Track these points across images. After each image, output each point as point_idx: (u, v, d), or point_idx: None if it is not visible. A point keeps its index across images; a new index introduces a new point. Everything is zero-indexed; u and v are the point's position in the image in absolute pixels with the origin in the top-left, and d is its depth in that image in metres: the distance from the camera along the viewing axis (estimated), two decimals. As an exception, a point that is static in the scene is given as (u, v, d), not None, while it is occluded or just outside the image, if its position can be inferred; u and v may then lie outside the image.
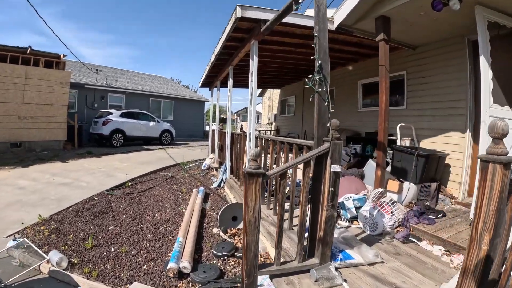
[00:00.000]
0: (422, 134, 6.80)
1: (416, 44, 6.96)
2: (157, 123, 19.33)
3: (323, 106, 3.34)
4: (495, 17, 4.62)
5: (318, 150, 3.22)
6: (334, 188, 3.28)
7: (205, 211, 6.45)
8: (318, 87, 3.30)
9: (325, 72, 3.30)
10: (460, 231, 4.44)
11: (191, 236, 4.69)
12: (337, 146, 3.25)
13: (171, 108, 25.36)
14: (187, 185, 8.83)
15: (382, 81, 5.23)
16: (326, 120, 3.38)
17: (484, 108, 4.46)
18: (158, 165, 11.34)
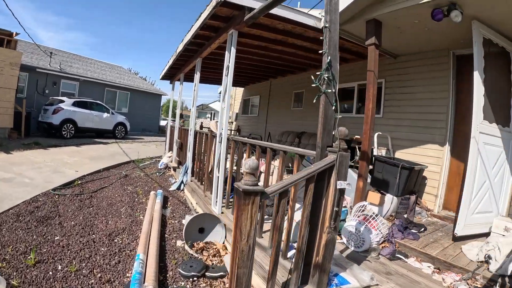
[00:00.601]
0: (399, 144, 6.54)
1: (398, 53, 6.69)
2: (111, 115, 17.86)
3: (330, 110, 2.79)
4: (489, 34, 4.54)
5: (325, 163, 2.67)
6: (338, 208, 2.75)
7: (166, 218, 5.70)
8: (326, 87, 2.75)
9: (334, 71, 2.77)
10: (445, 246, 4.30)
11: (153, 251, 3.95)
12: (345, 159, 2.73)
13: (126, 100, 23.72)
14: (143, 186, 7.95)
15: (369, 87, 4.82)
16: (332, 127, 2.84)
17: (475, 124, 4.31)
18: (111, 161, 10.27)
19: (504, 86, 4.83)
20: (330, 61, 2.74)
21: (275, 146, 3.85)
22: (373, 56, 4.83)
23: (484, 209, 4.63)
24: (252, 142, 4.45)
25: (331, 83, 2.74)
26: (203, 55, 7.08)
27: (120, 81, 23.75)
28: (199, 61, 7.36)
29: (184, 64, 9.15)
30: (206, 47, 6.66)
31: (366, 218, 4.35)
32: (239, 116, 15.77)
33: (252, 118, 14.42)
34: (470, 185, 4.36)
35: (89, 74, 21.69)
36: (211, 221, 4.72)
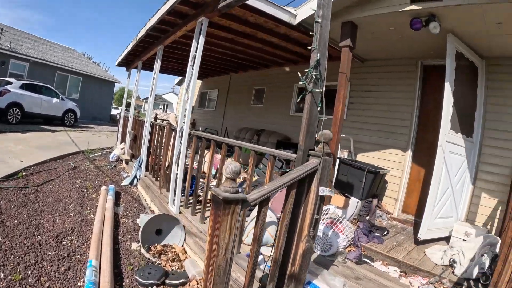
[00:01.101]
0: (361, 147, 6.51)
1: (366, 57, 6.65)
2: (61, 101, 16.44)
3: (315, 110, 2.58)
4: (462, 48, 4.63)
5: (308, 168, 2.44)
6: (318, 215, 2.54)
7: (118, 217, 5.19)
8: (312, 86, 2.52)
9: (322, 69, 2.55)
10: (409, 250, 4.34)
11: (106, 257, 3.50)
12: (328, 164, 2.53)
13: (78, 86, 22.15)
14: (93, 179, 7.30)
15: (340, 89, 4.68)
16: (315, 128, 2.62)
17: (442, 133, 4.35)
18: (59, 151, 9.35)
19: (470, 98, 4.93)
20: (319, 59, 2.52)
21: (249, 146, 3.54)
22: (346, 58, 4.69)
23: (445, 215, 4.70)
24: (220, 139, 4.14)
25: (319, 82, 2.52)
26: (166, 42, 6.60)
27: (72, 65, 22.14)
28: (161, 48, 6.87)
29: (143, 51, 8.55)
30: (170, 34, 6.21)
31: (333, 221, 4.21)
32: (195, 110, 15.06)
33: (209, 112, 13.94)
34: (435, 191, 4.39)
35: (40, 55, 19.99)
36: (169, 222, 4.35)
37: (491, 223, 4.85)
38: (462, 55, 4.62)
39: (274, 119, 9.34)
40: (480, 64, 5.01)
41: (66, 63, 21.74)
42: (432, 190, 4.35)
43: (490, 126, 4.95)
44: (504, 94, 4.87)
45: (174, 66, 10.81)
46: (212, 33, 6.33)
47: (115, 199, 5.88)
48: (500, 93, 4.91)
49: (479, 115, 4.99)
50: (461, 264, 3.82)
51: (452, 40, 4.40)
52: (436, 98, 5.50)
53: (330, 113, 7.68)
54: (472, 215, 5.01)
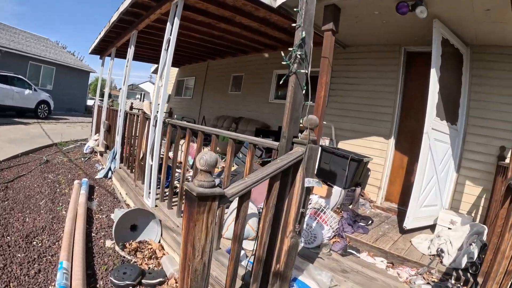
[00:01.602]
0: (342, 135, 6.31)
1: (348, 43, 6.40)
2: (34, 92, 15.62)
3: (300, 94, 2.32)
4: (447, 34, 4.45)
5: (293, 158, 2.19)
6: (304, 208, 2.31)
7: (92, 213, 4.85)
8: (297, 67, 2.26)
9: (308, 49, 2.29)
10: (395, 240, 4.22)
11: (78, 257, 3.18)
12: (314, 153, 2.29)
13: (51, 76, 21.11)
14: (66, 173, 6.88)
15: (323, 75, 4.43)
16: (300, 114, 2.37)
17: (428, 120, 4.18)
18: (31, 144, 8.81)
19: (454, 86, 4.78)
20: (305, 37, 2.26)
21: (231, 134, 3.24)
22: (329, 43, 4.43)
23: (430, 203, 4.58)
24: (196, 127, 3.84)
25: (304, 63, 2.27)
26: (139, 27, 6.18)
27: (45, 54, 21.06)
28: (135, 33, 6.43)
29: (117, 37, 8.04)
30: (144, 18, 5.79)
31: (317, 212, 4.01)
32: (171, 98, 14.58)
33: (186, 101, 13.46)
34: (420, 181, 4.25)
35: (12, 45, 18.92)
36: (144, 217, 4.01)
37: (475, 211, 4.78)
38: (447, 42, 4.45)
39: (252, 107, 9.04)
40: (465, 52, 4.86)
41: (39, 52, 20.68)
42: (418, 178, 4.21)
43: (475, 114, 4.84)
44: (489, 82, 4.76)
45: (149, 53, 10.31)
46: (188, 17, 5.97)
47: (89, 193, 5.51)
48: (484, 81, 4.79)
49: (464, 103, 4.86)
50: (449, 253, 3.70)
51: (438, 26, 4.22)
52: (420, 85, 5.38)
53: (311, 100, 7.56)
54: (456, 203, 4.92)
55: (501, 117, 4.63)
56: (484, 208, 4.64)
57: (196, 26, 6.53)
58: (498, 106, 4.66)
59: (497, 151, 4.60)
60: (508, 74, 4.62)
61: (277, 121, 7.99)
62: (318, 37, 6.00)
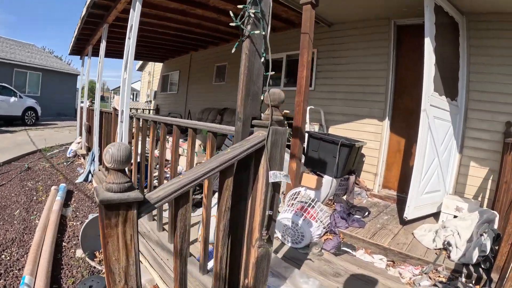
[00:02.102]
0: (332, 119, 5.76)
1: (333, 20, 5.81)
2: (19, 99, 14.96)
3: (257, 62, 1.79)
4: (440, 0, 3.88)
5: (250, 144, 1.66)
6: (272, 210, 1.78)
7: (66, 220, 4.43)
8: (251, 28, 1.72)
9: (265, 6, 1.74)
10: (396, 233, 3.69)
11: (43, 271, 2.80)
12: (280, 137, 1.75)
13: (38, 82, 20.35)
14: (46, 180, 6.41)
15: (303, 52, 3.92)
16: (260, 88, 1.84)
17: (425, 95, 3.62)
18: (14, 152, 8.30)
19: (452, 58, 4.25)
20: (258, -11, 1.72)
21: (184, 122, 2.73)
22: (308, 17, 3.91)
23: (432, 189, 4.05)
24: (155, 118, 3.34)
25: (260, 23, 1.73)
26: (109, 20, 5.68)
27: (31, 60, 20.27)
28: (106, 27, 5.93)
29: (92, 34, 7.51)
30: (112, 9, 5.29)
31: (304, 207, 3.49)
32: (158, 94, 14.03)
33: (172, 96, 12.85)
34: (420, 165, 3.71)
35: (-5, 54, 18.26)
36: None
37: (482, 194, 4.25)
38: (441, 9, 3.90)
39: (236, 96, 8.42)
40: (461, 21, 4.31)
41: (24, 59, 19.90)
42: (418, 162, 3.66)
43: (476, 88, 4.30)
44: (487, 52, 4.22)
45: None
46: (159, 4, 5.50)
47: (66, 199, 5.15)
48: (483, 51, 4.25)
49: (463, 76, 4.32)
50: (457, 247, 3.16)
51: (430, -9, 3.67)
52: (413, 61, 4.85)
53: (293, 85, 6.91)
54: (461, 187, 4.39)
55: (504, 90, 4.09)
56: (492, 190, 4.12)
57: (171, 14, 6.05)
58: (500, 78, 4.12)
59: (503, 127, 4.07)
60: (509, 42, 4.08)
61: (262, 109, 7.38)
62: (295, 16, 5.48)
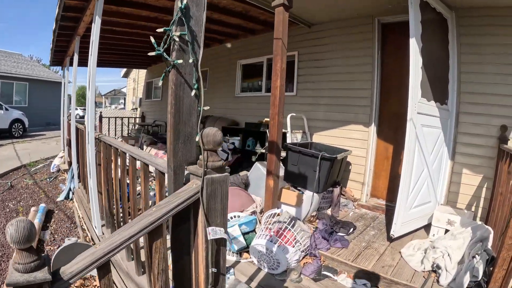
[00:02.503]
0: (316, 126, 5.44)
1: (314, 21, 5.45)
2: (5, 112, 14.64)
3: (187, 97, 1.46)
4: None
5: (180, 200, 1.35)
6: (218, 268, 1.49)
7: (44, 245, 4.18)
8: (177, 56, 1.40)
9: (196, 25, 1.43)
10: (381, 252, 3.38)
11: None
12: (220, 186, 1.44)
13: (25, 92, 19.93)
14: (28, 199, 6.09)
15: (277, 60, 3.59)
16: (193, 128, 1.52)
17: (412, 103, 3.31)
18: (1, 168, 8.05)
19: (440, 58, 3.93)
20: (187, 6, 1.40)
21: (137, 154, 2.42)
22: (281, 20, 3.56)
23: (422, 201, 3.76)
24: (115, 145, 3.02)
25: (189, 48, 1.41)
26: (80, 32, 5.43)
27: (17, 70, 19.87)
28: (78, 40, 5.67)
29: (67, 46, 7.25)
30: (81, 21, 5.04)
31: (279, 231, 3.19)
32: (143, 102, 13.60)
33: (156, 103, 12.42)
34: (408, 178, 3.41)
35: (-22, 65, 17.86)
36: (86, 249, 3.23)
37: (476, 203, 3.96)
38: (427, 5, 3.56)
39: (219, 103, 8.06)
40: (450, 16, 3.99)
41: (9, 69, 19.45)
42: (404, 176, 3.36)
43: (467, 89, 3.99)
44: (479, 50, 3.90)
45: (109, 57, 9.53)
46: (131, 13, 5.30)
47: (46, 219, 4.92)
48: (474, 49, 3.94)
49: (453, 77, 4.00)
50: (447, 270, 2.87)
51: (414, -15, 3.33)
52: (399, 61, 4.53)
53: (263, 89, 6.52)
54: (453, 195, 4.10)
55: (499, 90, 3.78)
56: (486, 199, 3.84)
57: (145, 22, 5.81)
58: (494, 78, 3.81)
59: (498, 132, 3.76)
60: (502, 39, 3.76)
61: (245, 117, 7.04)
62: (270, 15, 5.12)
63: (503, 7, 3.71)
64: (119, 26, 5.91)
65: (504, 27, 3.74)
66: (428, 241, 3.45)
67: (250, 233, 3.48)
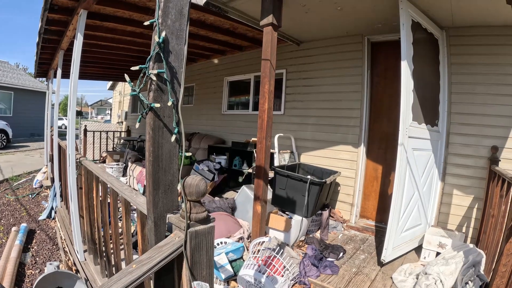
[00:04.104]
0: (304, 146, 5.29)
1: (302, 39, 5.34)
2: None
3: (167, 143, 1.32)
4: (418, 17, 3.49)
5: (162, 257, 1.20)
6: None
7: (25, 268, 3.91)
8: (154, 98, 1.26)
9: (176, 61, 1.29)
10: (373, 278, 3.23)
11: None
12: (205, 238, 1.29)
13: (10, 101, 19.15)
14: (9, 216, 5.76)
15: (264, 81, 3.45)
16: (174, 176, 1.36)
17: (403, 127, 3.20)
18: None
19: (431, 79, 3.86)
20: (166, 40, 1.26)
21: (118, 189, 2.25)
22: (269, 40, 3.43)
23: (413, 224, 3.66)
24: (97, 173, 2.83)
25: (168, 87, 1.27)
26: (64, 46, 5.20)
27: (2, 79, 19.01)
28: (61, 54, 5.46)
29: (51, 59, 7.03)
30: (64, 36, 4.84)
31: (267, 261, 3.03)
32: (128, 115, 13.20)
33: None
34: (399, 202, 3.30)
35: (-39, 74, 17.28)
36: (69, 278, 2.99)
37: (466, 223, 3.88)
38: (419, 26, 3.51)
39: (206, 120, 7.89)
40: (440, 36, 3.94)
41: (-5, 78, 18.91)
42: (395, 200, 3.25)
43: (458, 110, 3.93)
44: (470, 70, 3.85)
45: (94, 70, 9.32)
46: (116, 29, 5.17)
47: (27, 241, 4.63)
48: (466, 69, 3.88)
49: (444, 98, 3.93)
50: (440, 298, 2.77)
51: (406, 7, 3.27)
52: (389, 80, 4.50)
53: None
54: (444, 216, 4.00)
55: (490, 111, 3.73)
56: (477, 219, 3.77)
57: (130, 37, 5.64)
58: (485, 98, 3.76)
59: (488, 152, 3.70)
60: (492, 58, 3.71)
61: (232, 135, 6.87)
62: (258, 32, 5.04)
63: (494, 26, 3.68)
64: (104, 40, 5.74)
65: (495, 47, 3.71)
66: (419, 265, 3.35)
67: (238, 260, 3.31)
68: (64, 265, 3.96)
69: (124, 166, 7.61)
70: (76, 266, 3.72)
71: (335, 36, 4.93)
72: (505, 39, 3.66)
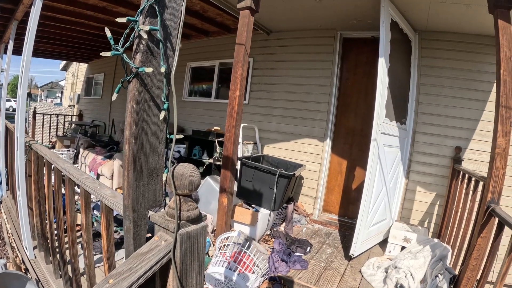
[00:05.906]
0: (268, 137, 5.03)
1: (273, 28, 5.04)
2: None
3: (154, 121, 1.02)
4: (396, 16, 3.43)
5: (145, 269, 0.90)
6: None
7: None
8: (143, 61, 0.95)
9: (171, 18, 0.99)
10: (342, 273, 3.10)
11: None
12: (196, 240, 1.01)
13: None
14: None
15: (237, 67, 3.18)
16: (159, 163, 1.07)
17: (376, 123, 3.09)
18: None
19: (403, 78, 3.80)
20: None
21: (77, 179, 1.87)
22: (246, 24, 3.14)
23: (379, 219, 3.60)
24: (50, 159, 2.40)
25: (160, 51, 0.97)
26: (18, 16, 4.54)
27: None
28: (15, 25, 4.75)
29: (3, 30, 6.20)
30: (20, 4, 4.23)
31: (237, 258, 2.77)
32: (81, 98, 11.94)
33: (96, 101, 10.88)
34: (369, 197, 3.20)
35: None
36: (18, 280, 2.57)
37: (428, 219, 3.91)
38: (396, 26, 3.42)
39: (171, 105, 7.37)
40: (413, 38, 3.90)
41: None
42: (366, 196, 3.13)
43: (424, 110, 3.92)
44: (439, 73, 3.86)
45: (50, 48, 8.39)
46: (78, 0, 4.63)
47: None
48: (435, 72, 3.88)
49: (412, 97, 3.91)
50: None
51: (387, 5, 3.16)
52: (359, 77, 4.39)
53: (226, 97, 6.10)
54: (407, 212, 3.99)
55: (454, 113, 3.76)
56: (439, 215, 3.80)
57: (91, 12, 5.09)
58: (450, 101, 3.79)
59: (452, 152, 3.73)
60: (460, 64, 3.75)
61: (192, 123, 6.34)
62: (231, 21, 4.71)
63: (465, 34, 3.72)
64: (63, 13, 5.08)
65: (464, 53, 3.75)
66: (386, 259, 3.28)
67: (205, 256, 3.04)
68: (12, 263, 3.45)
69: (75, 152, 6.92)
70: (25, 264, 3.22)
71: (308, 28, 4.71)
72: (474, 47, 3.71)
